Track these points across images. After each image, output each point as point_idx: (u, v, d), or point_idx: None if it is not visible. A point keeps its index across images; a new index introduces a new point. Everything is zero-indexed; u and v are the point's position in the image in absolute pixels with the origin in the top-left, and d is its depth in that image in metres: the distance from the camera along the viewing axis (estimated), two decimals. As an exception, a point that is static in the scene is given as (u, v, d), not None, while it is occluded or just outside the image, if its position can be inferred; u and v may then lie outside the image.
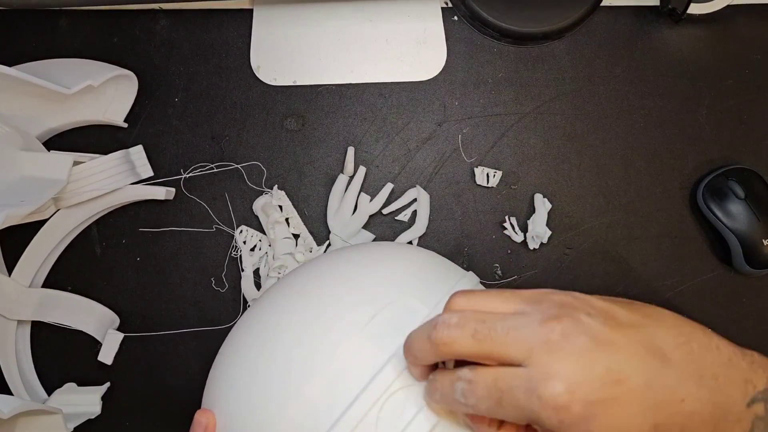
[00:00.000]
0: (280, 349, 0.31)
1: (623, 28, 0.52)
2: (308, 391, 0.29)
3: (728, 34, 0.52)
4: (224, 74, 0.51)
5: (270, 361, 0.30)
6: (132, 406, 0.48)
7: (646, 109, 0.51)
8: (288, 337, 0.31)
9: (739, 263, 0.48)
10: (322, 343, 0.30)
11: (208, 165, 0.49)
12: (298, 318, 0.32)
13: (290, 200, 0.49)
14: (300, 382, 0.29)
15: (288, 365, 0.30)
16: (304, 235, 0.49)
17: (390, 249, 0.38)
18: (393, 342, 0.29)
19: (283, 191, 0.49)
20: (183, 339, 0.49)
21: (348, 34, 0.51)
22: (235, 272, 0.49)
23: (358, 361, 0.29)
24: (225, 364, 0.33)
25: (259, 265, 0.48)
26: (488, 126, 0.51)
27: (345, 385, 0.29)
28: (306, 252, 0.48)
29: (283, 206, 0.49)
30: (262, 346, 0.31)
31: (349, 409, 0.28)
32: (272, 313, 0.33)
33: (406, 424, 0.28)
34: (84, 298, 0.48)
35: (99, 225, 0.49)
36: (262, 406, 0.30)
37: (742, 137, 0.51)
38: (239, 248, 0.48)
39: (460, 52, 0.51)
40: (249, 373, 0.31)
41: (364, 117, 0.51)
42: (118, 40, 0.51)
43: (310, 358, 0.30)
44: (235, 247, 0.49)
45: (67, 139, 0.49)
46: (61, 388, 0.47)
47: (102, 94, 0.48)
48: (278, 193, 0.49)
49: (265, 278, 0.48)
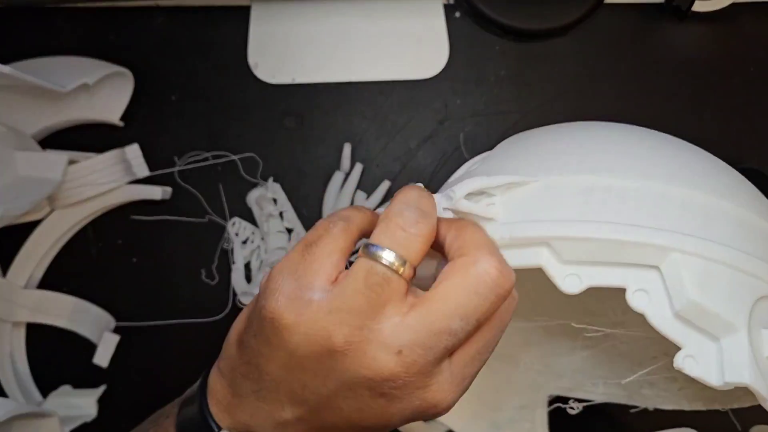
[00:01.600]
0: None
1: (627, 26, 0.51)
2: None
3: (733, 32, 0.52)
4: (222, 72, 0.50)
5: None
6: (128, 408, 0.48)
7: (649, 107, 0.51)
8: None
9: (745, 264, 0.48)
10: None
11: (203, 154, 0.49)
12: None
13: (288, 198, 0.49)
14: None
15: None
16: (299, 229, 0.48)
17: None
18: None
19: (278, 184, 0.49)
20: (179, 340, 0.48)
21: (348, 31, 0.51)
22: (226, 264, 0.48)
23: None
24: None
25: (250, 258, 0.48)
26: (490, 124, 0.50)
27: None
28: None
29: (277, 199, 0.48)
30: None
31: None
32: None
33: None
34: (80, 300, 0.48)
35: (95, 225, 0.49)
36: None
37: (748, 136, 0.51)
38: (231, 240, 0.48)
39: (462, 50, 0.51)
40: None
41: (365, 115, 0.50)
42: (115, 38, 0.50)
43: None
44: (227, 239, 0.48)
45: (63, 137, 0.49)
46: (57, 390, 0.47)
47: (98, 92, 0.48)
48: (273, 186, 0.48)
49: (256, 272, 0.48)
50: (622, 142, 0.28)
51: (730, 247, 0.24)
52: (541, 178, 0.26)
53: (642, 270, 0.23)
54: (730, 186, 0.27)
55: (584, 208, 0.24)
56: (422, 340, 0.23)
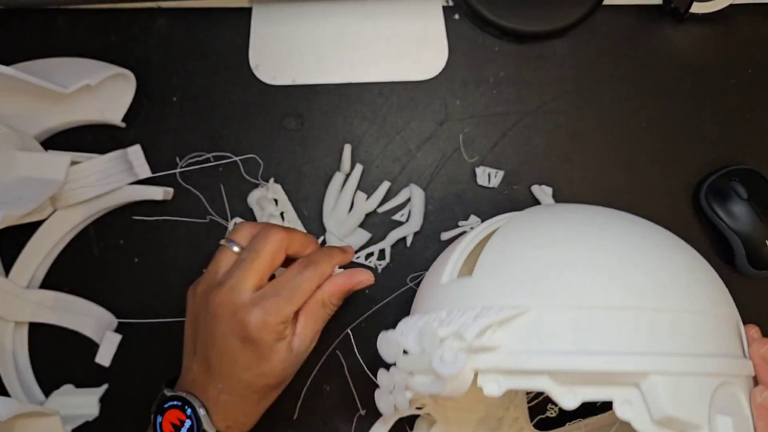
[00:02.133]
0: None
1: (626, 27, 0.52)
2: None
3: (731, 33, 0.52)
4: (223, 73, 0.50)
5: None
6: (130, 408, 0.48)
7: (648, 108, 0.51)
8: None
9: (742, 264, 0.48)
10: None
11: (205, 155, 0.49)
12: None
13: (288, 198, 0.49)
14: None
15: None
16: (299, 229, 0.48)
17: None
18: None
19: (279, 185, 0.49)
20: (181, 340, 0.48)
21: (348, 32, 0.51)
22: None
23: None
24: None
25: None
26: (490, 125, 0.50)
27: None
28: None
29: (278, 200, 0.48)
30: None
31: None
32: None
33: None
34: (82, 299, 0.48)
35: (97, 225, 0.49)
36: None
37: (746, 137, 0.51)
38: None
39: (461, 51, 0.51)
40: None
41: (364, 116, 0.50)
42: (116, 39, 0.51)
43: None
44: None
45: (65, 138, 0.49)
46: (59, 389, 0.47)
47: (100, 93, 0.48)
48: (274, 187, 0.49)
49: None
50: (596, 260, 0.32)
51: (696, 356, 0.30)
52: (533, 305, 0.30)
53: (625, 387, 0.29)
54: (691, 284, 0.33)
55: (575, 337, 0.29)
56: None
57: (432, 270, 0.39)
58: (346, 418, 0.47)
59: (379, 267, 0.49)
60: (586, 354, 0.29)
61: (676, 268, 0.33)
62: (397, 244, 0.49)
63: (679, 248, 0.35)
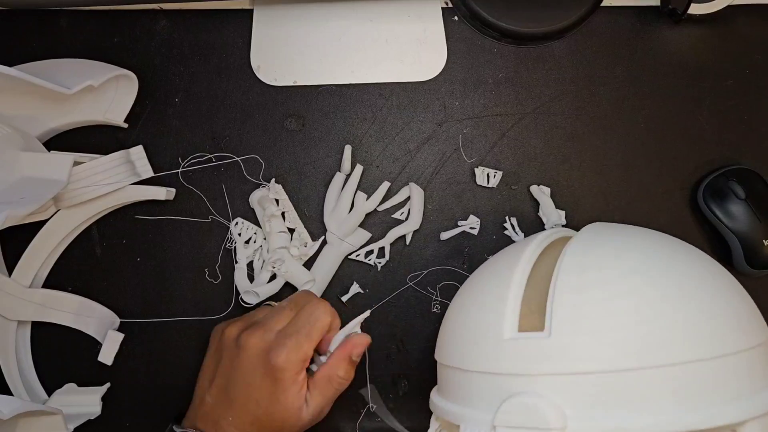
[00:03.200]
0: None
1: (623, 29, 0.52)
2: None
3: (729, 34, 0.52)
4: (224, 74, 0.51)
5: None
6: (132, 406, 0.48)
7: (646, 109, 0.51)
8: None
9: (740, 264, 0.48)
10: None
11: (207, 155, 0.50)
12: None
13: (289, 198, 0.49)
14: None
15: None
16: (300, 229, 0.49)
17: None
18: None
19: (280, 185, 0.49)
20: (183, 339, 0.49)
21: (348, 34, 0.51)
22: (229, 264, 0.49)
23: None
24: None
25: (253, 258, 0.49)
26: (489, 126, 0.51)
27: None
28: (301, 246, 0.48)
29: (279, 200, 0.49)
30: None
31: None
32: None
33: None
34: (84, 299, 0.48)
35: (99, 225, 0.49)
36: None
37: (743, 137, 0.51)
38: (234, 240, 0.48)
39: (460, 53, 0.51)
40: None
41: (365, 117, 0.51)
42: (119, 40, 0.51)
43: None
44: (230, 240, 0.49)
45: (68, 139, 0.49)
46: (62, 388, 0.47)
47: (102, 94, 0.48)
48: (275, 187, 0.49)
49: (258, 271, 0.48)
50: (674, 312, 0.31)
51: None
52: (631, 366, 0.29)
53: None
54: (754, 322, 0.33)
55: (676, 397, 0.29)
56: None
57: (476, 305, 0.36)
58: (348, 416, 0.48)
59: (379, 265, 0.49)
60: (688, 412, 0.28)
61: (744, 305, 0.33)
62: (397, 243, 0.49)
63: (733, 282, 0.35)
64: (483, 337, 0.33)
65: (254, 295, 0.47)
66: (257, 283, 0.48)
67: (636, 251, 0.34)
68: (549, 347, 0.30)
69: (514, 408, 0.29)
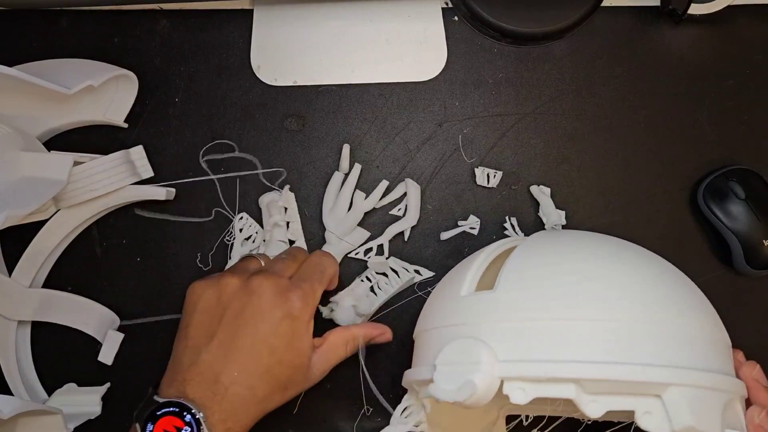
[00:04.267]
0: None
1: (624, 29, 0.52)
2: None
3: (729, 35, 0.52)
4: (225, 74, 0.51)
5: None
6: (132, 406, 0.48)
7: (646, 109, 0.51)
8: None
9: (740, 264, 0.48)
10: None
11: (232, 144, 0.50)
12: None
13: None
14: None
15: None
16: (300, 243, 0.49)
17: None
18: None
19: (293, 194, 0.49)
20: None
21: (348, 34, 0.51)
22: (223, 256, 0.49)
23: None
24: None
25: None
26: (489, 126, 0.51)
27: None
28: None
29: (288, 208, 0.49)
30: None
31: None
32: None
33: None
34: (84, 299, 0.48)
35: (99, 225, 0.49)
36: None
37: (743, 138, 0.51)
38: (233, 235, 0.48)
39: (460, 53, 0.51)
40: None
41: (365, 117, 0.51)
42: (119, 40, 0.51)
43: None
44: (230, 234, 0.49)
45: (68, 139, 0.50)
46: (62, 388, 0.47)
47: (102, 94, 0.48)
48: (288, 195, 0.49)
49: None
50: (620, 275, 0.34)
51: (710, 371, 0.31)
52: (561, 316, 0.32)
53: (647, 398, 0.30)
54: (701, 305, 0.35)
55: (603, 347, 0.31)
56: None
57: (444, 283, 0.41)
58: (346, 415, 0.48)
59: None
60: (614, 364, 0.30)
61: (687, 290, 0.35)
62: (396, 240, 0.49)
63: (684, 278, 0.37)
64: (443, 296, 0.39)
65: None
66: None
67: (580, 238, 0.39)
68: (495, 300, 0.34)
69: (454, 348, 0.33)
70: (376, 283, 0.48)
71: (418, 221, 0.49)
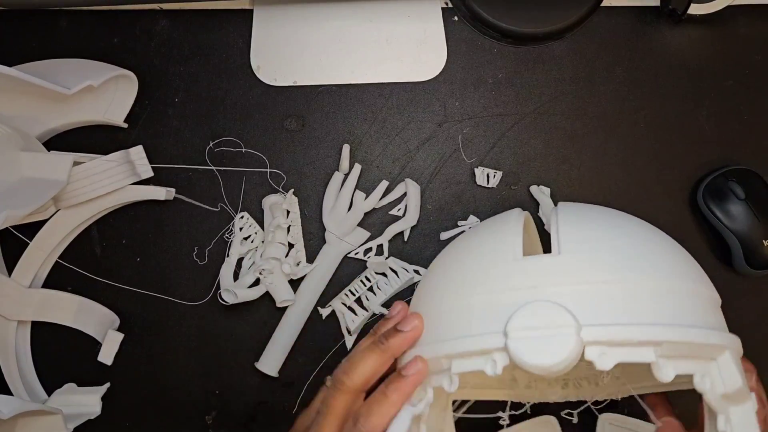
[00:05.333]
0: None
1: (623, 29, 0.52)
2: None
3: (729, 35, 0.52)
4: (224, 74, 0.51)
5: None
6: (132, 406, 0.48)
7: (646, 109, 0.51)
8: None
9: (740, 264, 0.48)
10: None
11: (238, 141, 0.50)
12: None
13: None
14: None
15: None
16: (299, 247, 0.49)
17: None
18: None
19: (297, 198, 0.49)
20: (183, 339, 0.49)
21: (348, 34, 0.51)
22: (220, 253, 0.49)
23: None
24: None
25: (245, 255, 0.49)
26: (488, 126, 0.51)
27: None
28: (293, 265, 0.48)
29: (291, 212, 0.49)
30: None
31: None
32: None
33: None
34: (84, 299, 0.48)
35: (99, 225, 0.49)
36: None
37: (743, 138, 0.51)
38: (233, 233, 0.48)
39: (460, 53, 0.51)
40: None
41: (365, 117, 0.51)
42: (118, 41, 0.51)
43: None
44: (230, 231, 0.49)
45: (67, 139, 0.50)
46: (61, 388, 0.47)
47: (102, 94, 0.48)
48: (291, 198, 0.49)
49: (245, 271, 0.48)
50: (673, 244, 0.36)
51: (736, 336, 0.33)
52: (634, 279, 0.32)
53: (705, 361, 0.31)
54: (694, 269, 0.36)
55: (676, 311, 0.31)
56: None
57: (466, 253, 0.37)
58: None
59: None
60: (690, 327, 0.31)
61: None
62: (395, 240, 0.49)
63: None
64: (491, 263, 0.35)
65: (233, 296, 0.46)
66: (240, 284, 0.48)
67: (611, 210, 0.39)
68: (563, 263, 0.33)
69: (529, 312, 0.31)
70: (376, 283, 0.48)
71: (417, 221, 0.49)
